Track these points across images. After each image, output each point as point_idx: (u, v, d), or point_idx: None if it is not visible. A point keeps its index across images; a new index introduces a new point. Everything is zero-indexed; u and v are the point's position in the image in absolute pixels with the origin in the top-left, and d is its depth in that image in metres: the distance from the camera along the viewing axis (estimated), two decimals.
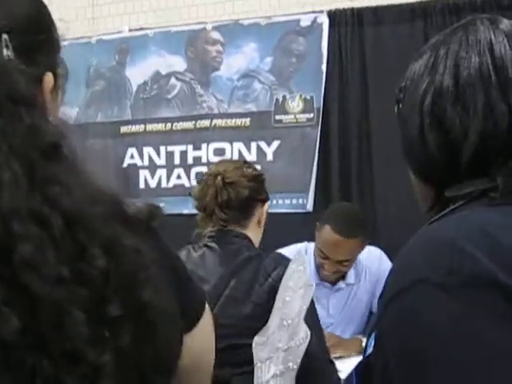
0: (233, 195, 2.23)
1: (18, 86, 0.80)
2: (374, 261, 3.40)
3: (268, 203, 2.38)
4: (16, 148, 0.77)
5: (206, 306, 1.09)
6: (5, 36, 0.86)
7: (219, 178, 2.23)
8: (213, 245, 2.25)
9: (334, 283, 3.38)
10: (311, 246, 3.38)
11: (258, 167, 4.53)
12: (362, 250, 3.26)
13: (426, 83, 1.02)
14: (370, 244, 3.47)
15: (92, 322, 0.76)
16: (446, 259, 0.83)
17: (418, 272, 0.85)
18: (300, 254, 2.12)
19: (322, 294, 3.34)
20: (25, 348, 0.74)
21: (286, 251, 3.31)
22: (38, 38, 0.94)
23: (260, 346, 2.02)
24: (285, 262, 2.18)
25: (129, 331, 0.80)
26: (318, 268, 3.31)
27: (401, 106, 1.09)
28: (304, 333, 2.00)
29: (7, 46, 0.86)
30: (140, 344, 0.82)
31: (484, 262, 0.81)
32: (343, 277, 3.38)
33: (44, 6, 0.98)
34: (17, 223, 0.75)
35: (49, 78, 0.95)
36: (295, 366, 1.99)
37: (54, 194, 0.78)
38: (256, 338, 2.04)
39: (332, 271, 3.25)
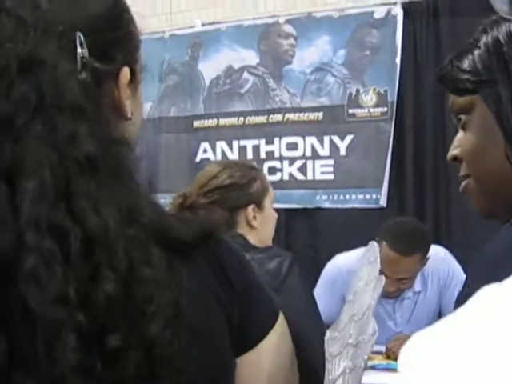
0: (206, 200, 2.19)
1: (65, 92, 0.79)
2: (440, 264, 3.32)
3: (252, 206, 2.25)
4: (51, 157, 0.76)
5: (278, 326, 1.05)
6: (79, 34, 0.86)
7: (178, 200, 2.19)
8: None
9: (400, 293, 3.33)
10: None
11: (331, 162, 4.56)
12: (423, 266, 3.19)
13: None
14: (440, 243, 3.41)
15: (85, 350, 0.74)
16: None
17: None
18: (372, 244, 2.05)
19: (388, 304, 3.30)
20: (10, 368, 0.73)
21: (351, 255, 3.28)
22: (114, 35, 0.93)
23: (331, 340, 1.98)
24: (278, 256, 2.13)
25: (132, 365, 0.77)
26: None
27: (509, 76, 1.02)
28: (372, 329, 1.95)
29: (81, 45, 0.86)
30: (147, 380, 0.79)
31: None
32: (410, 285, 3.32)
33: (120, 2, 0.98)
34: (31, 234, 0.73)
35: (125, 72, 0.94)
36: (362, 364, 1.96)
37: (81, 209, 0.76)
38: (328, 333, 2.01)
39: (391, 290, 3.18)
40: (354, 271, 3.27)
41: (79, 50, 0.85)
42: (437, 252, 3.33)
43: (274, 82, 4.74)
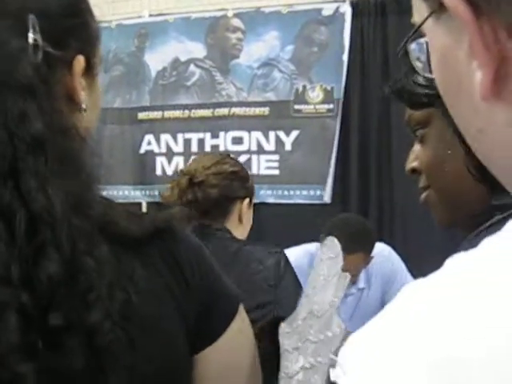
0: (200, 196, 2.17)
1: (17, 70, 0.80)
2: (383, 261, 3.34)
3: (248, 199, 2.29)
4: (0, 137, 0.77)
5: (238, 315, 1.05)
6: (32, 16, 0.86)
7: (186, 178, 2.19)
8: None
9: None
10: None
11: (277, 157, 4.56)
12: (367, 264, 3.20)
13: None
14: (382, 240, 3.43)
15: (27, 329, 0.75)
16: None
17: None
18: (333, 241, 2.05)
19: None
20: None
21: (295, 251, 3.28)
22: (70, 22, 0.93)
23: (287, 334, 1.97)
24: (275, 253, 2.15)
25: (76, 351, 0.78)
26: None
27: None
28: (337, 326, 1.95)
29: (34, 28, 0.86)
30: (95, 372, 0.80)
31: None
32: (353, 282, 3.33)
33: None
34: None
35: (79, 61, 0.94)
36: (327, 361, 1.95)
37: (29, 187, 0.77)
38: (283, 325, 2.00)
39: None
40: (301, 267, 3.28)
41: (31, 32, 0.85)
42: (381, 250, 3.35)
43: (221, 76, 4.72)
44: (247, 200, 2.28)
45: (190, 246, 0.99)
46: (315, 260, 2.00)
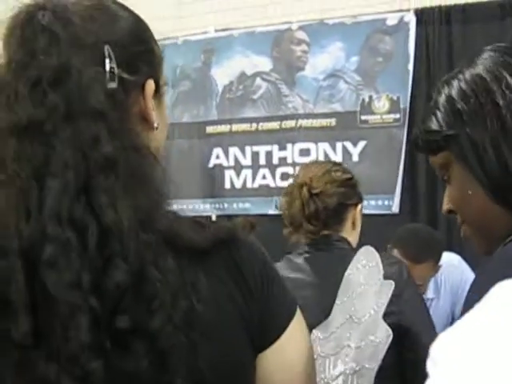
0: (320, 206, 2.16)
1: (89, 98, 0.88)
2: (453, 271, 3.31)
3: (360, 205, 2.29)
4: (75, 158, 0.86)
5: (296, 317, 1.08)
6: (107, 47, 0.94)
7: (305, 189, 2.17)
8: (315, 250, 2.19)
9: None
10: None
11: None
12: (436, 273, 3.17)
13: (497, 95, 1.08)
14: (452, 250, 3.40)
15: (97, 330, 0.83)
16: None
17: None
18: (369, 250, 2.06)
19: None
20: (34, 347, 0.83)
21: None
22: (139, 49, 1.02)
23: (321, 340, 1.98)
24: (395, 263, 2.14)
25: (141, 351, 0.85)
26: None
27: (467, 129, 1.11)
28: (384, 332, 1.95)
29: (110, 58, 0.94)
30: (160, 372, 0.87)
31: None
32: (422, 291, 3.30)
33: (142, 22, 1.08)
34: (52, 226, 0.84)
35: (150, 85, 1.02)
36: (374, 366, 1.95)
37: (99, 203, 0.85)
38: (315, 332, 1.99)
39: None
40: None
41: (107, 61, 0.93)
42: (450, 259, 3.32)
43: (287, 88, 4.75)
44: (360, 206, 2.28)
45: (252, 255, 1.04)
46: (349, 268, 2.01)
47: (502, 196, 1.09)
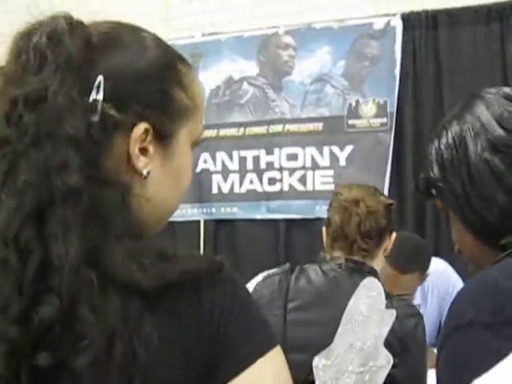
0: (374, 225, 2.16)
1: (64, 124, 0.86)
2: (439, 277, 3.30)
3: (394, 233, 2.28)
4: (38, 181, 0.84)
5: (270, 356, 0.94)
6: (100, 77, 0.90)
7: (362, 205, 2.16)
8: (346, 274, 2.15)
9: None
10: None
11: (331, 172, 4.56)
12: (423, 281, 3.16)
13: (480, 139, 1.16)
14: (439, 255, 3.40)
15: (14, 361, 0.80)
16: (490, 300, 0.91)
17: (465, 314, 0.94)
18: (372, 281, 2.06)
19: None
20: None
21: None
22: (139, 88, 0.95)
23: (325, 367, 1.98)
24: (416, 315, 2.12)
25: None
26: None
27: (449, 178, 1.19)
28: (384, 358, 1.96)
29: (98, 89, 0.90)
30: None
31: None
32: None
33: (166, 60, 1.01)
34: None
35: (138, 128, 0.94)
36: None
37: (50, 234, 0.82)
38: (317, 359, 1.99)
39: None
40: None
41: (94, 92, 0.89)
42: (437, 265, 3.30)
43: (274, 93, 4.75)
44: (394, 234, 2.28)
45: (216, 296, 0.93)
46: (352, 299, 2.00)
47: (488, 240, 1.15)
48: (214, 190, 4.90)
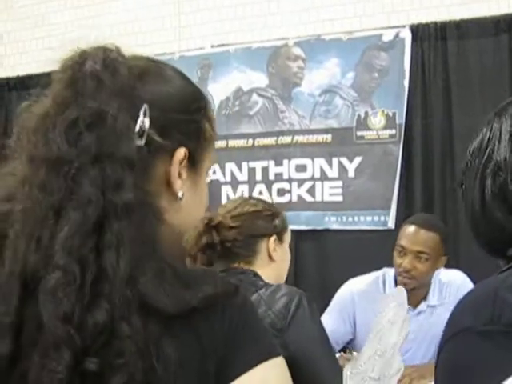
0: (216, 239, 2.19)
1: (121, 144, 0.92)
2: (458, 284, 3.28)
3: (274, 237, 2.26)
4: (97, 196, 0.90)
5: (273, 362, 0.99)
6: (145, 105, 0.98)
7: (203, 222, 2.20)
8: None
9: (415, 306, 3.29)
10: (390, 272, 3.29)
11: (340, 184, 4.57)
12: (440, 252, 3.15)
13: (484, 158, 1.09)
14: (453, 266, 3.40)
15: (73, 368, 0.84)
16: (489, 308, 0.90)
17: (464, 321, 0.94)
18: (400, 290, 2.07)
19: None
20: (8, 372, 0.86)
21: (364, 279, 3.29)
22: (178, 117, 1.04)
23: (352, 374, 2.02)
24: (286, 294, 2.10)
25: None
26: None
27: (463, 186, 1.16)
28: (398, 365, 1.99)
29: (144, 115, 0.97)
30: None
31: None
32: (425, 297, 3.29)
33: (196, 94, 1.11)
34: (61, 256, 0.88)
35: (179, 152, 1.03)
36: None
37: (107, 245, 0.88)
38: (346, 368, 2.03)
39: (409, 268, 3.09)
40: (365, 295, 3.26)
41: (141, 118, 0.97)
42: (456, 273, 3.32)
43: (283, 104, 4.77)
44: (274, 237, 2.27)
45: (229, 322, 0.98)
46: (381, 307, 2.02)
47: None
48: (224, 201, 4.91)
